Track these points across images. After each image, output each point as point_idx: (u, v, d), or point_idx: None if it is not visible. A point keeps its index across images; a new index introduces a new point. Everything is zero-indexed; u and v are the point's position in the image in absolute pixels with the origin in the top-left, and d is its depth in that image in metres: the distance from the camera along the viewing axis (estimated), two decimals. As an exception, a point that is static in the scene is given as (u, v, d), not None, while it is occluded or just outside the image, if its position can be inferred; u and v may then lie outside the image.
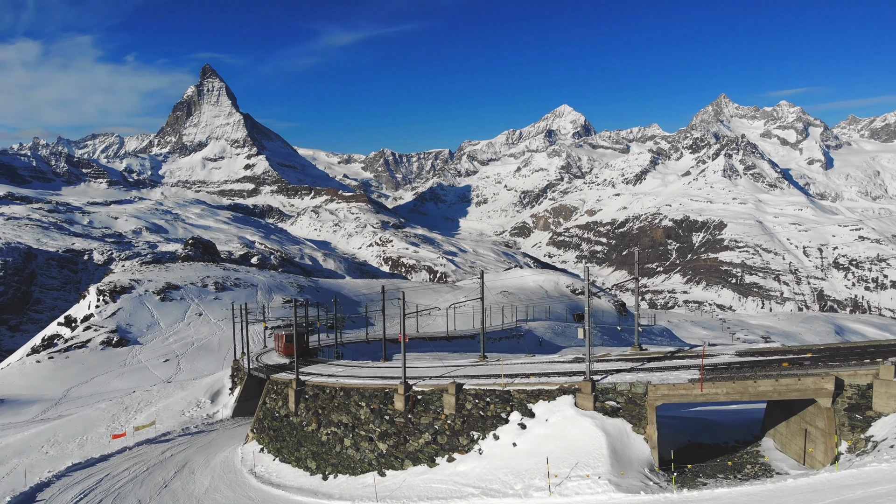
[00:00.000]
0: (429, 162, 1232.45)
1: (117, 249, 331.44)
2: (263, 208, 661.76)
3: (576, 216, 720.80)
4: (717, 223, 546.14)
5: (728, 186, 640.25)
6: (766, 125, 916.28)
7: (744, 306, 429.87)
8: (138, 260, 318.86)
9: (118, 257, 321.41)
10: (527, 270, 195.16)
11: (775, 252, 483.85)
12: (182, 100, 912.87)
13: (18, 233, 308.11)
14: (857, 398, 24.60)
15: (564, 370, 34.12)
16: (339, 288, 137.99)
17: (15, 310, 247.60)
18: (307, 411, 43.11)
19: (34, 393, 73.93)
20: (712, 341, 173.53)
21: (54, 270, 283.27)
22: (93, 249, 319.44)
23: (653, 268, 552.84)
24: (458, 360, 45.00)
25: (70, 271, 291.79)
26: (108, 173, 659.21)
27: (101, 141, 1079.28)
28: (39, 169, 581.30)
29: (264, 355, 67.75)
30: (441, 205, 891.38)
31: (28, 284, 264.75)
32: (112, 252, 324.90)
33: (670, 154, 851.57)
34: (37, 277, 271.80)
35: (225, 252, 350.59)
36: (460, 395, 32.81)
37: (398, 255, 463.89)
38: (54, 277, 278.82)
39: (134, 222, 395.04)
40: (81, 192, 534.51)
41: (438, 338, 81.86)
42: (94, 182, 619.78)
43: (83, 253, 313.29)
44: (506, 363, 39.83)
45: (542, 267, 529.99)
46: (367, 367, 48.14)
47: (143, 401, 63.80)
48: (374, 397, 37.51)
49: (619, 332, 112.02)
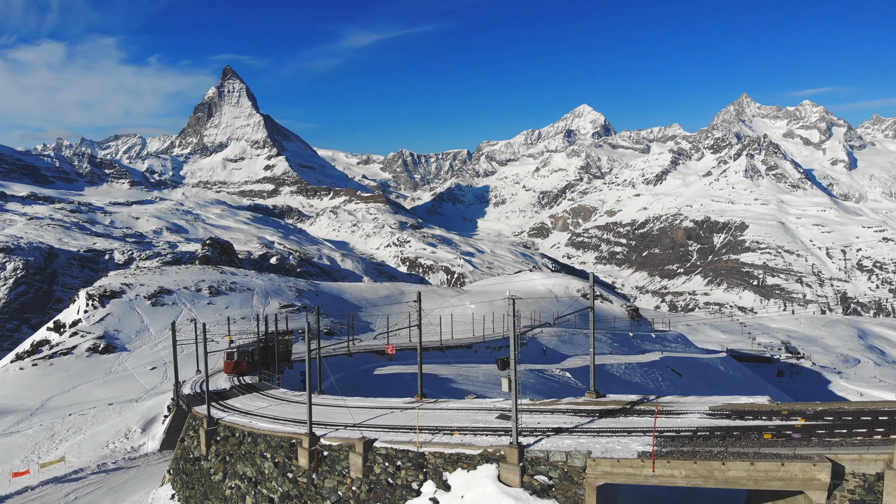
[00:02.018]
0: (447, 162, 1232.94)
1: (138, 249, 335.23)
2: (283, 209, 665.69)
3: (595, 217, 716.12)
4: (738, 224, 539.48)
5: (750, 187, 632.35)
6: (789, 125, 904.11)
7: (765, 308, 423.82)
8: (158, 260, 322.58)
9: (139, 257, 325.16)
10: (536, 274, 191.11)
11: (798, 253, 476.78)
12: (203, 101, 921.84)
13: (40, 232, 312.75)
14: (863, 493, 18.31)
15: (496, 426, 27.33)
16: (341, 292, 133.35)
17: (36, 308, 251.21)
18: (216, 457, 37.19)
19: (12, 402, 69.87)
20: (730, 346, 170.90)
21: (76, 270, 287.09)
22: (114, 249, 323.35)
23: (673, 269, 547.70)
24: (392, 401, 37.40)
25: (91, 271, 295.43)
26: (130, 174, 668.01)
27: (124, 142, 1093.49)
28: (62, 169, 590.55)
29: (213, 377, 59.76)
30: (459, 205, 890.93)
31: (50, 283, 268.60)
32: (133, 252, 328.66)
33: (691, 154, 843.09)
34: (58, 277, 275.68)
35: (244, 252, 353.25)
36: (369, 456, 27.05)
37: (416, 256, 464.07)
38: (76, 277, 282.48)
39: (155, 222, 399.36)
40: (104, 193, 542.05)
41: (431, 348, 77.07)
42: (116, 182, 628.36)
43: (104, 252, 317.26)
44: (437, 406, 33.38)
45: (561, 268, 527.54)
46: (297, 402, 40.71)
47: (74, 427, 57.62)
48: (280, 448, 31.82)
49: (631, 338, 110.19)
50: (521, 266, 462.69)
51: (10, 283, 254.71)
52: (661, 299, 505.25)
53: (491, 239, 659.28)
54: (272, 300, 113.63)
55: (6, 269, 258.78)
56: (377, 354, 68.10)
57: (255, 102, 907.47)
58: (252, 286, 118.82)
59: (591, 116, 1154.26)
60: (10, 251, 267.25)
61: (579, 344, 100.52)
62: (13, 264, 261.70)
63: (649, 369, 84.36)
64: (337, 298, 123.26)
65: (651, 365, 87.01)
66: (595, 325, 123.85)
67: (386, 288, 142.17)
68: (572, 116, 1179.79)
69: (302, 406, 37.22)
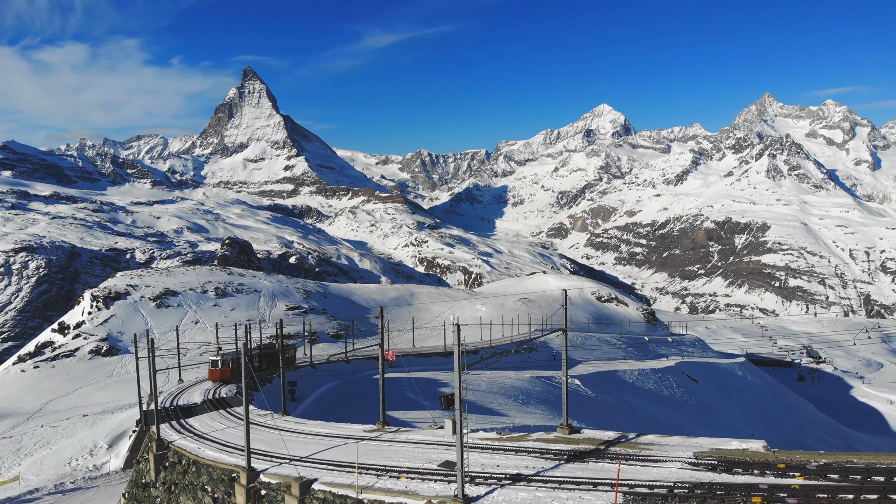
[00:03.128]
0: (465, 162, 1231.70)
1: (159, 248, 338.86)
2: (302, 209, 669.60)
3: (615, 217, 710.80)
4: (760, 225, 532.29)
5: (772, 187, 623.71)
6: (812, 125, 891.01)
7: (787, 310, 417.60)
8: (179, 259, 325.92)
9: (159, 256, 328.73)
10: (550, 276, 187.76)
11: (820, 255, 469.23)
12: (224, 101, 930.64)
13: (63, 232, 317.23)
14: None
15: (445, 472, 23.26)
16: (350, 294, 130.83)
17: (58, 307, 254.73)
18: (163, 485, 34.07)
19: (11, 405, 68.29)
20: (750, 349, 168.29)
21: (97, 269, 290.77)
22: (135, 248, 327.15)
23: (694, 270, 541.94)
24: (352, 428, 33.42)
25: (113, 269, 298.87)
26: (151, 174, 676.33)
27: (146, 142, 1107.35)
28: (85, 169, 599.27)
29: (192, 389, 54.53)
30: (477, 205, 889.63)
31: (72, 282, 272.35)
32: (154, 251, 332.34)
33: (712, 154, 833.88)
34: (80, 275, 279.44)
35: (263, 252, 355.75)
36: (305, 500, 24.30)
37: (433, 256, 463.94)
38: (97, 276, 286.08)
39: (176, 222, 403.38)
40: (126, 192, 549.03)
41: (434, 354, 74.60)
42: (138, 182, 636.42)
43: (125, 252, 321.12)
44: (396, 439, 29.63)
45: (579, 268, 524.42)
46: (260, 425, 36.18)
47: (42, 440, 54.29)
48: (221, 482, 28.91)
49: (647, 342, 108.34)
50: (539, 267, 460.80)
51: (32, 282, 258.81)
52: (681, 301, 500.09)
53: (509, 239, 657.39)
54: (279, 302, 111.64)
55: (29, 268, 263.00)
56: (377, 361, 65.89)
57: (276, 103, 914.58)
58: (259, 288, 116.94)
59: (611, 116, 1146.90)
60: (32, 250, 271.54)
61: (592, 349, 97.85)
62: (36, 263, 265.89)
63: (664, 375, 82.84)
64: (346, 300, 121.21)
65: (666, 371, 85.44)
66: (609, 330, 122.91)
67: (396, 290, 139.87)
68: (592, 116, 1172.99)
69: (265, 431, 33.99)
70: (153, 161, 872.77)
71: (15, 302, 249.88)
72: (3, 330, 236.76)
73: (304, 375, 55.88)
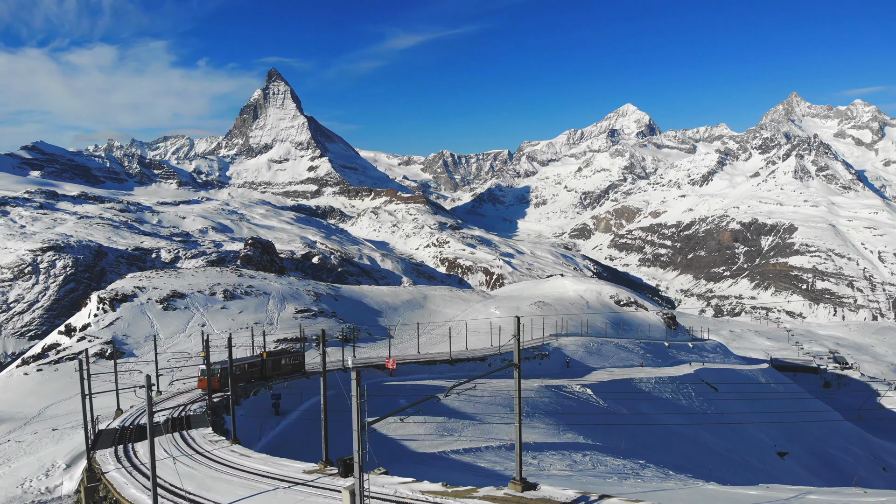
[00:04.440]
0: (487, 163, 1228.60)
1: (184, 248, 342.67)
2: (325, 209, 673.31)
3: (639, 218, 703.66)
4: (787, 226, 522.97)
5: (799, 188, 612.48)
6: (840, 125, 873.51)
7: (815, 313, 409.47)
8: (203, 258, 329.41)
9: (184, 255, 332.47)
10: (568, 279, 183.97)
11: (849, 257, 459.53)
12: (249, 103, 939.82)
13: (90, 231, 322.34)
14: None
15: None
16: (362, 296, 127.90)
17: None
18: None
19: (11, 409, 66.47)
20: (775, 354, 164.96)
21: (123, 268, 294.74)
22: (160, 248, 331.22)
23: (719, 272, 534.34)
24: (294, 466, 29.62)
25: (138, 269, 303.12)
26: (177, 174, 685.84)
27: (173, 143, 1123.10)
28: (113, 170, 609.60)
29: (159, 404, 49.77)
30: (499, 206, 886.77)
31: (98, 281, 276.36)
32: (178, 251, 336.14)
33: (738, 154, 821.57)
34: (107, 275, 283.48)
35: (287, 252, 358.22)
36: None
37: (455, 257, 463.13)
38: (123, 275, 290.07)
39: (201, 222, 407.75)
40: (152, 193, 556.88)
41: (439, 362, 70.78)
42: (164, 183, 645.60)
43: (151, 251, 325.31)
44: (329, 484, 26.14)
45: (602, 269, 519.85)
46: (207, 458, 32.29)
47: (4, 457, 50.60)
48: None
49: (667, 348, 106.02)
50: (562, 268, 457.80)
51: (59, 281, 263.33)
52: (706, 303, 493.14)
53: (531, 240, 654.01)
54: (288, 305, 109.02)
55: (56, 267, 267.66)
56: (377, 369, 61.49)
57: (300, 104, 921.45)
58: (269, 290, 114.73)
59: (636, 116, 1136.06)
60: (60, 249, 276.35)
61: (608, 355, 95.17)
62: (63, 262, 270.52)
63: (682, 384, 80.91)
64: (357, 303, 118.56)
65: (684, 379, 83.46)
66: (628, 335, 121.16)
67: (409, 292, 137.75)
68: (616, 116, 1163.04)
69: (203, 466, 30.07)
70: (179, 162, 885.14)
71: (42, 300, 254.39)
72: (30, 328, 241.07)
73: (295, 385, 52.51)
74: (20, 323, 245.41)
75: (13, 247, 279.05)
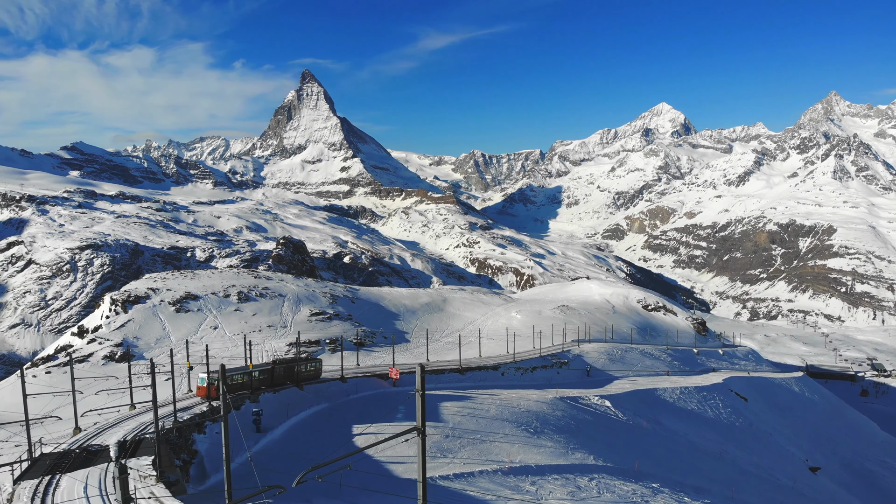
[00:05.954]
0: (519, 163, 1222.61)
1: (218, 247, 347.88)
2: (357, 209, 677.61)
3: (673, 218, 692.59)
4: (825, 228, 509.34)
5: (838, 189, 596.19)
6: (881, 124, 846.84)
7: (854, 317, 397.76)
8: (237, 257, 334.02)
9: (219, 255, 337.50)
10: (594, 282, 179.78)
11: (889, 259, 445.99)
12: (283, 104, 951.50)
13: (127, 230, 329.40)
14: None
15: None
16: (379, 298, 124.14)
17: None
18: None
19: (15, 414, 60.73)
20: (811, 360, 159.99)
21: (159, 266, 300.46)
22: (195, 247, 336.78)
23: (755, 274, 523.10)
24: None
25: (173, 267, 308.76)
26: (213, 174, 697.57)
27: (208, 143, 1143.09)
28: (150, 170, 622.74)
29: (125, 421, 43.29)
30: (530, 206, 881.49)
31: (134, 279, 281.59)
32: (213, 249, 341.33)
33: (776, 154, 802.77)
34: (143, 273, 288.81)
35: (319, 251, 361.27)
36: None
37: (485, 257, 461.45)
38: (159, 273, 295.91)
39: (235, 221, 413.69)
40: (188, 192, 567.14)
41: (448, 370, 67.18)
42: (200, 182, 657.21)
43: (186, 250, 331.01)
44: None
45: (636, 271, 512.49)
46: None
47: None
48: None
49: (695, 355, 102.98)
50: (594, 269, 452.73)
51: (97, 279, 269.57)
52: (741, 306, 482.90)
53: (563, 240, 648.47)
54: (303, 307, 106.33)
55: (94, 265, 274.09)
56: (379, 379, 57.57)
57: (333, 105, 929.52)
58: (284, 292, 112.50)
59: (671, 115, 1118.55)
60: (97, 247, 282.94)
61: (632, 363, 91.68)
62: (100, 260, 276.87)
63: (709, 394, 78.28)
64: (374, 306, 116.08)
65: (711, 389, 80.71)
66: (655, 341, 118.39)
67: (428, 294, 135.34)
68: (650, 115, 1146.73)
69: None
70: (215, 162, 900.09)
71: (80, 297, 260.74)
72: (67, 325, 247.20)
73: (286, 397, 46.53)
74: (58, 320, 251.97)
75: (52, 245, 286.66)
